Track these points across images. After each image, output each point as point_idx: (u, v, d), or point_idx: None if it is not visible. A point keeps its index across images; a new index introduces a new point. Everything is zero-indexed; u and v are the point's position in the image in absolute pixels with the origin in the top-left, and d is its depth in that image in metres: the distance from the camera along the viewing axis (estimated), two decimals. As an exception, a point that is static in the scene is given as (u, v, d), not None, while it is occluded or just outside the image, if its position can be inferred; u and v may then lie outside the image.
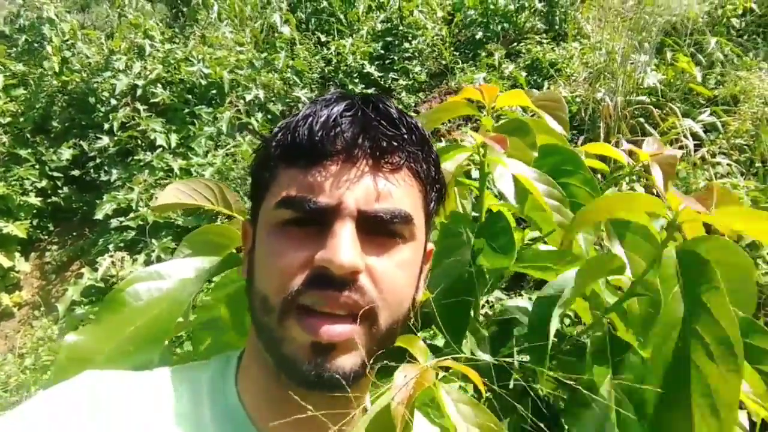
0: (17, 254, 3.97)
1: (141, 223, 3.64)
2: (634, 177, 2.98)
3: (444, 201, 0.63)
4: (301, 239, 0.50)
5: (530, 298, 0.86)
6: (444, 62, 5.01)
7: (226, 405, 0.54)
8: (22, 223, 3.90)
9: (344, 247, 0.47)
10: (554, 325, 0.63)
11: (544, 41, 4.74)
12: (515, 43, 4.98)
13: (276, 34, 4.95)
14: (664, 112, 3.51)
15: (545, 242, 0.83)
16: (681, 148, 3.20)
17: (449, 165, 0.76)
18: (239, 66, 4.63)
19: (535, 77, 4.55)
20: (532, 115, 0.87)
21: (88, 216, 3.97)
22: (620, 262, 0.64)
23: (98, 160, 4.17)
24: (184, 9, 5.09)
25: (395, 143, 0.52)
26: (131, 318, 0.67)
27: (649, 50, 3.74)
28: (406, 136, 0.54)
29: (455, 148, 0.76)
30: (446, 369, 0.53)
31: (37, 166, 4.11)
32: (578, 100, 4.07)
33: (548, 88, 4.34)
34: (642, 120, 3.68)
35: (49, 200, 4.11)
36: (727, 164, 2.99)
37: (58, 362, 0.66)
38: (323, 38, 5.20)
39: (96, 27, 5.00)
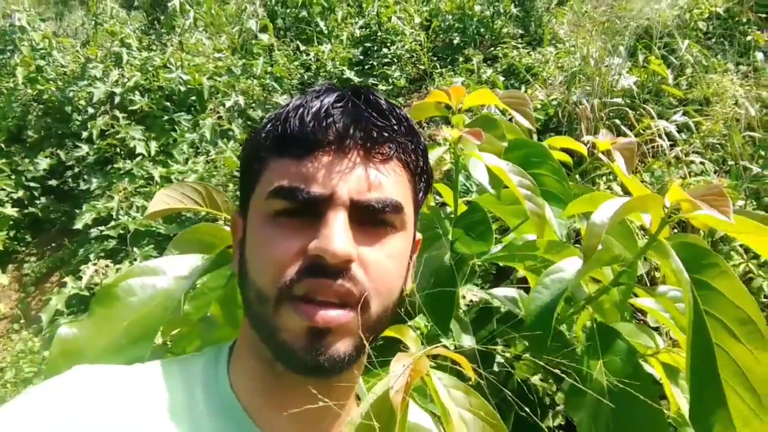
0: (-4, 269, 3.90)
1: (122, 231, 3.59)
2: (611, 176, 3.06)
3: (430, 191, 0.64)
4: (293, 229, 0.51)
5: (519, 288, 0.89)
6: (423, 67, 5.06)
7: (219, 396, 0.54)
8: (-2, 234, 3.83)
9: (338, 236, 0.48)
10: (555, 316, 0.65)
11: (520, 46, 4.82)
12: (492, 48, 5.06)
13: (253, 41, 4.95)
14: (639, 113, 3.60)
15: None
16: (655, 147, 3.29)
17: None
18: (218, 72, 4.62)
19: (512, 81, 4.63)
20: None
21: (66, 226, 3.91)
22: (614, 254, 0.67)
23: (77, 170, 4.11)
24: (161, 17, 5.05)
25: (386, 134, 0.53)
26: (124, 313, 0.67)
27: (623, 53, 3.83)
28: (396, 126, 0.55)
29: (431, 147, 0.79)
30: (435, 356, 0.55)
31: (12, 177, 4.04)
32: (554, 102, 4.15)
33: (525, 91, 4.42)
34: (618, 121, 3.77)
35: (26, 211, 4.04)
36: (701, 162, 3.09)
37: (51, 356, 0.65)
38: (302, 47, 5.22)
39: (70, 35, 4.93)
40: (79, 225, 3.63)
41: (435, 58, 5.19)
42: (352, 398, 0.59)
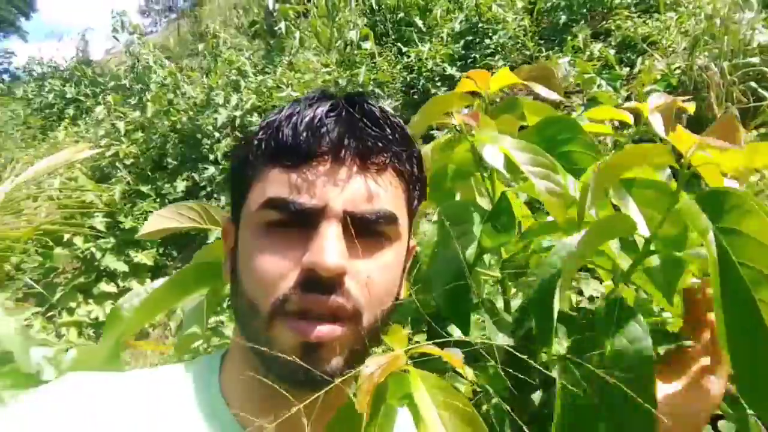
0: (148, 280, 4.45)
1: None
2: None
3: (425, 198, 0.61)
4: (286, 241, 0.50)
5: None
6: (528, 53, 4.86)
7: (210, 404, 0.54)
8: (149, 251, 4.37)
9: (330, 249, 0.47)
10: (557, 300, 0.59)
11: (635, 15, 4.43)
12: (603, 22, 4.71)
13: (356, 51, 5.11)
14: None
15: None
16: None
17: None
18: (326, 86, 4.84)
19: (627, 54, 4.27)
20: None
21: (203, 241, 4.35)
22: (630, 220, 0.59)
23: (208, 189, 4.56)
24: (271, 41, 5.42)
25: (380, 144, 0.52)
26: (121, 327, 0.73)
27: (755, 5, 3.36)
28: (390, 136, 0.53)
29: (453, 143, 0.76)
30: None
31: (157, 199, 4.58)
32: (677, 72, 3.75)
33: (643, 63, 4.05)
34: (754, 84, 3.31)
35: (170, 229, 4.56)
36: None
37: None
38: (403, 48, 5.28)
39: (194, 69, 5.47)
40: (211, 239, 4.02)
41: (542, 41, 4.96)
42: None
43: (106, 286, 4.38)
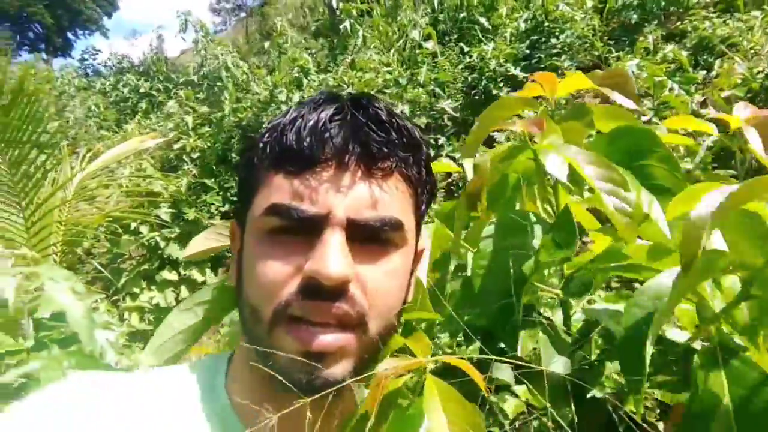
0: (208, 270, 4.61)
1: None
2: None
3: (435, 201, 0.59)
4: (289, 248, 0.49)
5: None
6: (596, 53, 4.69)
7: (216, 406, 0.54)
8: (209, 242, 4.52)
9: (333, 257, 0.47)
10: (650, 348, 0.54)
11: (713, 15, 4.18)
12: (679, 23, 4.48)
13: (418, 50, 5.08)
14: None
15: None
16: None
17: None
18: (386, 85, 4.85)
19: (704, 56, 4.04)
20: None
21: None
22: (728, 258, 0.53)
23: (267, 184, 4.68)
24: (335, 39, 5.48)
25: (386, 149, 0.51)
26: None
27: None
28: (396, 140, 0.52)
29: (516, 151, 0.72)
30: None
31: (220, 193, 4.73)
32: (760, 76, 3.51)
33: (721, 66, 3.82)
34: None
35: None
36: None
37: None
38: (465, 48, 5.21)
39: (260, 66, 5.61)
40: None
41: (612, 42, 4.77)
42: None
43: (168, 274, 4.57)
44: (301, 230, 0.49)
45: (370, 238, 0.50)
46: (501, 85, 4.71)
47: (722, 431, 0.53)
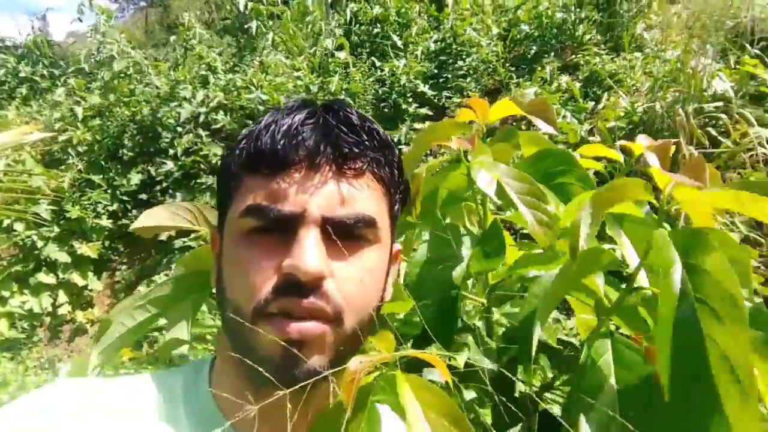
0: (90, 273, 4.24)
1: (202, 242, 3.79)
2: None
3: (408, 203, 0.62)
4: (267, 248, 0.51)
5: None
6: (499, 78, 4.95)
7: (200, 407, 0.56)
8: (94, 244, 4.16)
9: (309, 253, 0.49)
10: (538, 330, 0.60)
11: (603, 52, 4.58)
12: (573, 56, 4.85)
13: (330, 59, 5.07)
14: (734, 120, 3.28)
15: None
16: (753, 157, 2.98)
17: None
18: (296, 91, 4.78)
19: (594, 89, 4.41)
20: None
21: (154, 237, 4.18)
22: (611, 255, 0.60)
23: (164, 184, 4.40)
24: (242, 39, 5.33)
25: (357, 149, 0.53)
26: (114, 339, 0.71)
27: (711, 53, 3.52)
28: (367, 141, 0.55)
29: (450, 167, 0.75)
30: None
31: (109, 191, 4.39)
32: (640, 110, 3.88)
33: (608, 99, 4.19)
34: (711, 129, 3.46)
35: (119, 222, 4.37)
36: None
37: None
38: (377, 62, 5.28)
39: (158, 60, 5.32)
40: (164, 236, 3.87)
41: (513, 69, 5.06)
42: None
43: (45, 277, 4.13)
44: (277, 229, 0.51)
45: (345, 235, 0.52)
46: (410, 100, 4.82)
47: (607, 404, 0.61)
